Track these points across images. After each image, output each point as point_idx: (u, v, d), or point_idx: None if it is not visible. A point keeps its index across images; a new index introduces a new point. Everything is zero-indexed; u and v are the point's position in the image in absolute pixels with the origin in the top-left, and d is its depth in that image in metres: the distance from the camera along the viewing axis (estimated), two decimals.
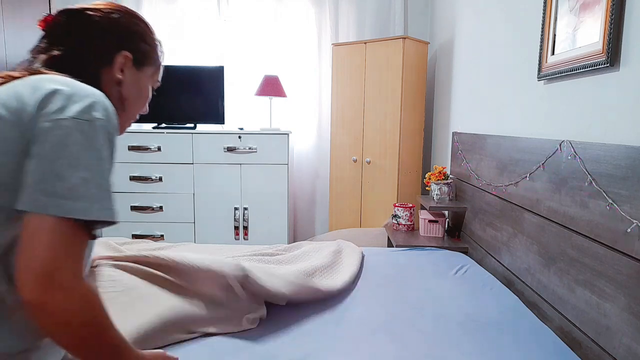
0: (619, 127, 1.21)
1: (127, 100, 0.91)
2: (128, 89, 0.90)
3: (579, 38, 1.39)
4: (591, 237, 1.24)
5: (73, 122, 0.68)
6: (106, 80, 0.86)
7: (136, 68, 0.91)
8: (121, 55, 0.87)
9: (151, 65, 0.95)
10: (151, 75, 0.96)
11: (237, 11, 3.41)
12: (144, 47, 0.92)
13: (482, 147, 2.13)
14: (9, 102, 0.70)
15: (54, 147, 0.66)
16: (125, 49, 0.88)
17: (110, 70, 0.87)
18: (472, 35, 2.50)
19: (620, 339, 1.11)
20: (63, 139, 0.67)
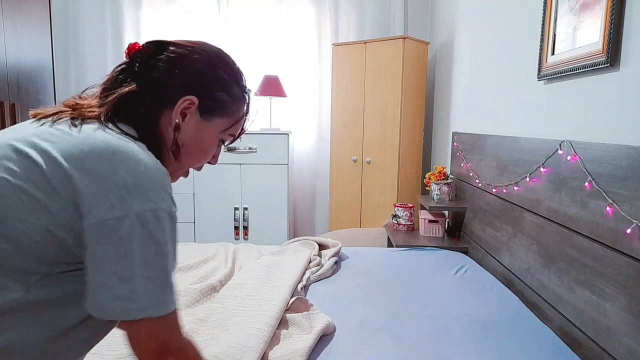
0: (619, 127, 1.21)
1: (182, 148, 0.80)
2: (185, 136, 0.79)
3: (579, 38, 1.39)
4: (591, 237, 1.24)
5: (135, 217, 0.63)
6: (165, 121, 0.78)
7: (202, 116, 0.80)
8: (185, 99, 0.78)
9: (225, 117, 0.83)
10: (223, 128, 0.84)
11: (237, 11, 3.41)
12: (220, 96, 0.81)
13: (482, 147, 2.13)
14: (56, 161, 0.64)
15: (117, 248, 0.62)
16: (193, 93, 0.78)
17: (169, 111, 0.78)
18: (472, 35, 2.50)
19: (620, 339, 1.11)
20: (126, 240, 0.62)
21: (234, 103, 0.84)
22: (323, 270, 1.77)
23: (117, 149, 0.66)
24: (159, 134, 0.77)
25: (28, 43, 2.59)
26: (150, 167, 0.67)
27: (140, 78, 0.77)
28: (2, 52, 2.35)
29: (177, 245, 0.72)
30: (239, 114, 0.86)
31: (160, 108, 0.77)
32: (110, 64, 3.36)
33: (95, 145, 0.66)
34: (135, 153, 0.67)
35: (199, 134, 0.81)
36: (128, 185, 0.63)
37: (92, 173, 0.63)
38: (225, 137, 0.87)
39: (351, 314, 1.43)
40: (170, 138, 0.78)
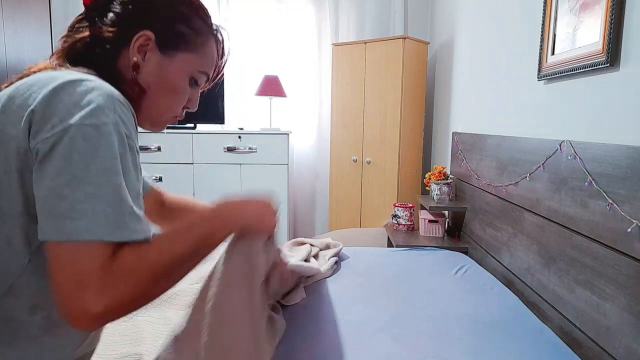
0: (619, 127, 1.21)
1: (149, 90, 0.76)
2: (149, 76, 0.75)
3: (579, 38, 1.39)
4: (591, 237, 1.24)
5: (76, 131, 0.58)
6: (123, 65, 0.74)
7: (163, 53, 0.75)
8: (140, 35, 0.73)
9: (190, 52, 0.78)
10: (191, 64, 0.79)
11: (237, 11, 3.41)
12: (180, 28, 0.76)
13: (482, 147, 2.13)
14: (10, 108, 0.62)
15: (55, 163, 0.58)
16: (149, 28, 0.73)
17: (127, 52, 0.73)
18: (472, 35, 2.50)
19: (620, 339, 1.11)
20: (64, 152, 0.58)
21: (197, 36, 0.79)
22: (323, 270, 1.77)
23: (65, 78, 0.63)
24: (121, 77, 0.73)
25: (28, 43, 2.59)
26: (95, 88, 0.62)
27: (95, 22, 0.75)
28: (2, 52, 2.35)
29: (139, 172, 0.67)
30: (207, 49, 0.81)
31: (117, 49, 0.74)
32: None
33: (36, 81, 0.64)
34: (79, 78, 0.63)
35: (162, 72, 0.76)
36: (71, 107, 0.60)
37: (40, 103, 0.60)
38: (197, 76, 0.81)
39: (351, 314, 1.43)
40: (134, 81, 0.74)
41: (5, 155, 0.61)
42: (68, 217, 0.56)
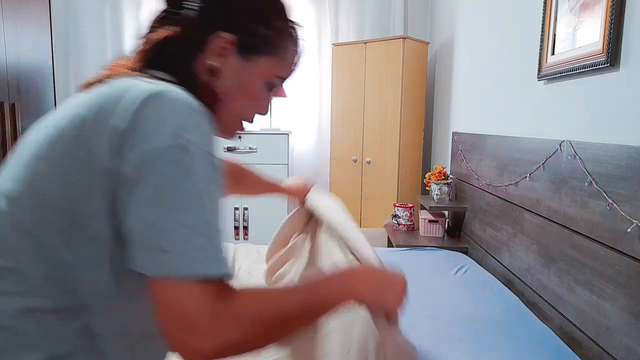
0: (619, 127, 1.21)
1: (225, 96, 0.70)
2: (227, 81, 0.69)
3: (579, 38, 1.39)
4: (591, 237, 1.24)
5: (165, 155, 0.54)
6: (200, 68, 0.68)
7: (243, 57, 0.70)
8: (218, 37, 0.67)
9: (271, 56, 0.72)
10: (269, 68, 0.73)
11: None
12: (261, 30, 0.70)
13: (482, 147, 2.13)
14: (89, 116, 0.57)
15: (145, 191, 0.54)
16: (228, 29, 0.68)
17: (204, 55, 0.68)
18: (472, 35, 2.50)
19: (620, 339, 1.11)
20: (154, 179, 0.54)
21: (278, 38, 0.72)
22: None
23: (148, 92, 0.58)
24: (197, 82, 0.68)
25: (28, 43, 2.59)
26: (181, 105, 0.58)
27: (172, 22, 0.68)
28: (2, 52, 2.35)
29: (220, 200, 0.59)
30: (287, 52, 0.75)
31: (193, 52, 0.68)
32: None
33: (120, 93, 0.59)
34: (160, 90, 0.58)
35: (241, 77, 0.70)
36: (154, 125, 0.55)
37: (122, 123, 0.56)
38: (274, 81, 0.75)
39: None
40: (211, 86, 0.69)
41: (90, 174, 0.57)
42: (164, 250, 0.53)
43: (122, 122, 0.56)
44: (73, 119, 0.59)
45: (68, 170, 0.57)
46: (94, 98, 0.61)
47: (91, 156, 0.57)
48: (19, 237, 0.58)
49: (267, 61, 0.72)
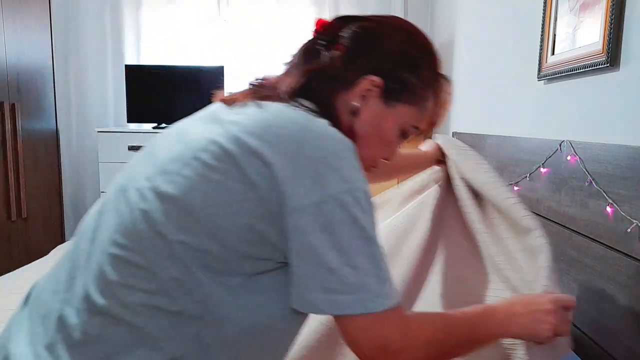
0: (619, 127, 1.21)
1: (358, 138, 0.69)
2: (363, 123, 0.70)
3: (579, 38, 1.39)
4: (591, 237, 1.24)
5: (334, 201, 0.56)
6: (340, 105, 0.69)
7: (385, 101, 0.70)
8: (367, 80, 0.68)
9: (411, 105, 0.72)
10: (407, 117, 0.73)
11: (237, 11, 3.41)
12: (408, 78, 0.71)
13: (482, 147, 2.13)
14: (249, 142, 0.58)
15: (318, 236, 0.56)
16: (377, 73, 0.69)
17: (349, 93, 0.69)
18: (472, 35, 2.50)
19: (620, 339, 1.11)
20: (327, 225, 0.56)
21: (422, 88, 0.73)
22: None
23: (305, 126, 0.60)
24: (337, 118, 0.68)
25: (28, 43, 2.59)
26: (339, 143, 0.60)
27: (323, 55, 0.70)
28: (2, 52, 2.35)
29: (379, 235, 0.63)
30: (426, 102, 0.74)
31: (338, 88, 0.69)
32: (110, 63, 3.36)
33: (282, 125, 0.60)
34: (322, 129, 0.61)
35: (379, 121, 0.71)
36: (319, 166, 0.57)
37: (283, 156, 0.57)
38: (408, 129, 0.75)
39: None
40: (347, 123, 0.69)
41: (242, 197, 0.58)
42: (341, 292, 0.56)
43: (284, 157, 0.57)
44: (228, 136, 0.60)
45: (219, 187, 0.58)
46: (248, 120, 0.62)
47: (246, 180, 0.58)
48: (155, 236, 0.59)
49: (407, 109, 0.72)
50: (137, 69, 3.25)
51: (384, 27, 0.73)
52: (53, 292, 0.65)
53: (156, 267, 0.58)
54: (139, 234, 0.59)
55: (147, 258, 0.59)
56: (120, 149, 3.02)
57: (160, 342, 0.59)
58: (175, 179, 0.60)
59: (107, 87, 3.38)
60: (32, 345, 0.61)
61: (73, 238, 0.71)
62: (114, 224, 0.62)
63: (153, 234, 0.59)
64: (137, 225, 0.60)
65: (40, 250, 2.64)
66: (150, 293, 0.58)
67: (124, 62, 3.33)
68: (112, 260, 0.60)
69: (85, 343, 0.58)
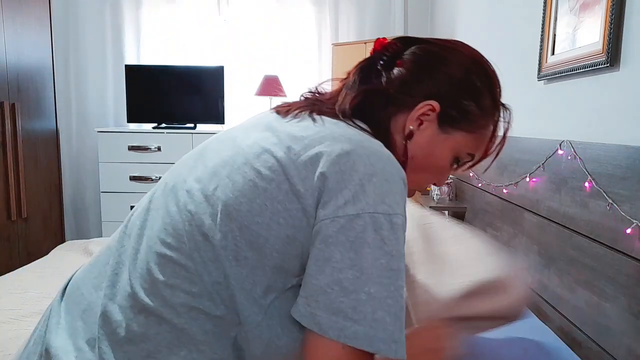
0: (619, 127, 1.21)
1: (410, 161, 0.69)
2: (417, 147, 0.68)
3: (579, 38, 1.39)
4: (591, 237, 1.24)
5: (369, 219, 0.54)
6: (395, 127, 0.68)
7: (441, 127, 0.69)
8: (425, 104, 0.67)
9: (467, 132, 0.70)
10: (463, 145, 0.71)
11: (237, 11, 3.41)
12: (467, 106, 0.69)
13: None
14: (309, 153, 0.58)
15: (343, 252, 0.53)
16: (436, 98, 0.67)
17: (405, 115, 0.68)
18: (472, 35, 2.50)
19: (620, 339, 1.11)
20: (355, 241, 0.53)
21: (481, 117, 0.71)
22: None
23: (359, 143, 0.59)
24: (391, 141, 0.68)
25: (28, 43, 2.59)
26: (390, 167, 0.59)
27: (382, 76, 0.70)
28: (2, 52, 2.35)
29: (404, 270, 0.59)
30: (484, 131, 0.73)
31: (395, 110, 0.68)
32: (110, 64, 3.36)
33: (338, 139, 0.59)
34: (377, 149, 0.60)
35: (433, 146, 0.69)
36: (364, 182, 0.55)
37: (335, 168, 0.56)
38: (462, 156, 0.73)
39: None
40: (400, 146, 0.68)
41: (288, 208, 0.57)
42: (348, 317, 0.52)
43: (326, 170, 0.56)
44: (281, 145, 0.60)
45: (265, 195, 0.58)
46: (304, 132, 0.62)
47: (294, 191, 0.57)
48: (200, 239, 0.59)
49: (464, 137, 0.70)
50: (137, 69, 3.26)
51: (447, 51, 0.71)
52: (95, 287, 0.65)
53: (200, 270, 0.58)
54: (186, 235, 0.59)
55: (193, 260, 0.58)
56: (120, 149, 3.02)
57: (202, 345, 0.58)
58: (224, 183, 0.60)
59: (107, 87, 3.38)
60: (72, 339, 0.61)
61: (116, 233, 0.71)
62: (162, 223, 0.62)
63: (199, 236, 0.58)
64: (185, 226, 0.60)
65: (40, 250, 2.64)
66: (194, 295, 0.58)
67: (124, 62, 3.33)
68: (159, 259, 0.60)
69: (129, 341, 0.58)
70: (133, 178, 3.02)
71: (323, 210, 0.55)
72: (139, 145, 3.01)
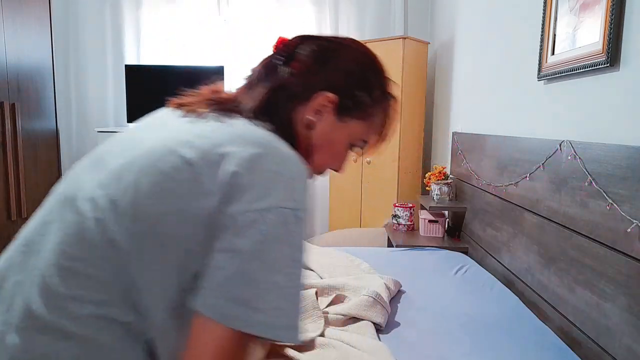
0: (619, 127, 1.21)
1: (313, 148, 0.74)
2: (317, 136, 0.74)
3: (579, 38, 1.39)
4: (591, 237, 1.24)
5: (278, 213, 0.56)
6: (298, 119, 0.73)
7: (338, 117, 0.74)
8: (322, 96, 0.72)
9: (361, 120, 0.77)
10: (357, 132, 0.78)
11: (237, 11, 3.41)
12: (361, 96, 0.75)
13: (482, 147, 2.13)
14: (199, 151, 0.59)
15: (251, 244, 0.55)
16: (333, 90, 0.73)
17: (305, 108, 0.73)
18: (472, 35, 2.50)
19: (620, 339, 1.11)
20: (262, 235, 0.55)
21: (373, 106, 0.77)
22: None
23: (268, 144, 0.62)
24: (294, 132, 0.72)
25: (28, 43, 2.59)
26: (296, 167, 0.62)
27: (282, 72, 0.74)
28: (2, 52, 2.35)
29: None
30: (375, 119, 0.79)
31: (297, 103, 0.73)
32: (110, 64, 3.36)
33: (247, 140, 0.61)
34: (284, 149, 0.63)
35: (332, 134, 0.75)
36: (275, 179, 0.58)
37: (244, 166, 0.58)
38: (357, 143, 0.80)
39: None
40: (303, 137, 0.73)
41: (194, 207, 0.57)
42: (252, 307, 0.54)
43: (241, 165, 0.58)
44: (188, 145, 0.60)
45: (172, 195, 0.58)
46: (212, 133, 0.63)
47: (202, 190, 0.57)
48: (107, 246, 0.57)
49: (358, 125, 0.77)
50: (137, 69, 3.26)
51: (341, 47, 0.77)
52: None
53: (107, 278, 0.57)
54: (91, 243, 0.58)
55: (99, 268, 0.57)
56: None
57: (113, 353, 0.57)
58: (129, 187, 0.59)
59: (107, 87, 3.38)
60: None
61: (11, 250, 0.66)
62: (62, 235, 0.60)
63: (105, 243, 0.57)
64: (90, 235, 0.58)
65: None
66: (102, 304, 0.57)
67: (124, 62, 3.33)
68: (61, 272, 0.57)
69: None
70: None
71: (233, 207, 0.57)
72: None
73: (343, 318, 1.32)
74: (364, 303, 1.34)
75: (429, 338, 1.28)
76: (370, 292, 1.38)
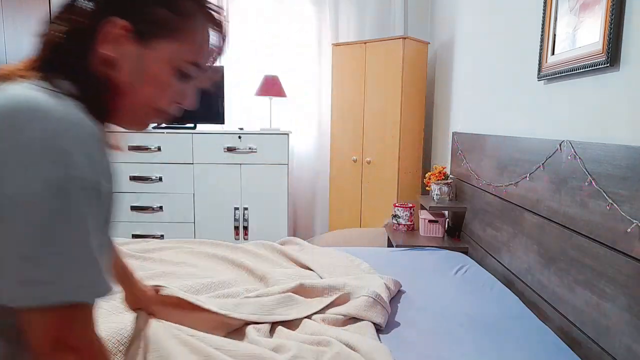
0: (619, 127, 1.21)
1: (126, 87, 0.64)
2: (127, 71, 0.63)
3: (579, 38, 1.39)
4: (591, 237, 1.24)
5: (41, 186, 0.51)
6: (96, 62, 0.62)
7: (140, 42, 0.63)
8: (108, 23, 0.61)
9: (172, 40, 0.65)
10: (174, 54, 0.66)
11: (237, 11, 3.41)
12: (158, 12, 0.64)
13: (482, 147, 2.13)
14: None
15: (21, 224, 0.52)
16: (122, 13, 0.62)
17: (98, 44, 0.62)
18: (472, 35, 2.50)
19: (620, 339, 1.11)
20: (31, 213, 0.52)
21: (181, 21, 0.65)
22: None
23: (24, 105, 0.54)
24: (96, 77, 0.62)
25: (28, 43, 2.59)
26: (65, 125, 0.54)
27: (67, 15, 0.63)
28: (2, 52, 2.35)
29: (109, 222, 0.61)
30: (196, 35, 0.68)
31: (87, 43, 0.61)
32: None
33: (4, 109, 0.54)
34: (47, 108, 0.54)
35: (142, 65, 0.64)
36: (35, 148, 0.52)
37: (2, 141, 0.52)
38: (185, 67, 0.68)
39: None
40: (112, 79, 0.63)
41: None
42: (40, 282, 0.52)
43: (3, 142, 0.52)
44: None
45: None
46: None
47: None
48: None
49: (170, 46, 0.65)
50: None
51: None
52: None
53: None
54: None
55: None
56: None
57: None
58: None
59: None
60: None
61: None
62: None
63: None
64: None
65: None
66: None
67: None
68: None
69: None
70: (133, 178, 3.02)
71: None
72: (139, 145, 3.01)
73: (343, 318, 1.32)
74: (364, 303, 1.34)
75: (429, 338, 1.28)
76: (370, 292, 1.38)
